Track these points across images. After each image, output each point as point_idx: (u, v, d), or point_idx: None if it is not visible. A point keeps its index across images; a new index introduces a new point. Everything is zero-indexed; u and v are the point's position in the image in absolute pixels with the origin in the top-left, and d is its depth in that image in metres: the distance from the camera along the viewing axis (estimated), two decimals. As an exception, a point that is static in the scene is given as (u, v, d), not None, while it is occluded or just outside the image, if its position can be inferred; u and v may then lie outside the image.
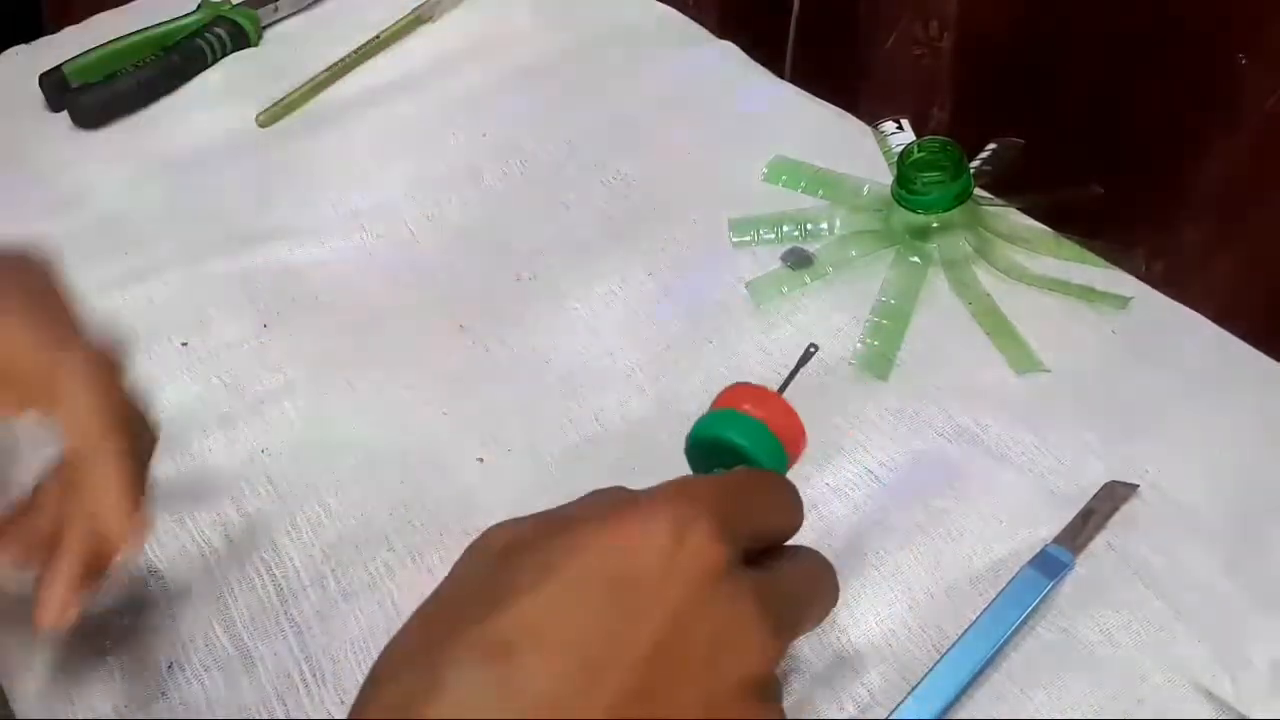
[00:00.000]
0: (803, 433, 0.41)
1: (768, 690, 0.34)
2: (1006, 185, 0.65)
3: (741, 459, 0.40)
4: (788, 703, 0.46)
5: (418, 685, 0.30)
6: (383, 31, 0.80)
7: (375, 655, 0.33)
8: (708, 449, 0.40)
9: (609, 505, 0.34)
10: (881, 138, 0.69)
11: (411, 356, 0.59)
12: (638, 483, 0.36)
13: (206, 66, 0.79)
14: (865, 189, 0.66)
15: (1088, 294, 0.60)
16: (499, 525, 0.35)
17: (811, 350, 0.43)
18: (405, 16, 0.81)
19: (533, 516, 0.35)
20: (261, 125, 0.74)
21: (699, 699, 0.32)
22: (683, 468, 0.40)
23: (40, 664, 0.47)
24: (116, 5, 0.85)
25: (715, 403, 0.41)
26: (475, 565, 0.34)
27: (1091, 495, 0.51)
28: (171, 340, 0.60)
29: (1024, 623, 0.46)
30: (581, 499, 0.36)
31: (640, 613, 0.31)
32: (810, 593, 0.37)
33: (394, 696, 0.31)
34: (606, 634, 0.31)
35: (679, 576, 0.32)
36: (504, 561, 0.33)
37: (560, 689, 0.30)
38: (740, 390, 0.41)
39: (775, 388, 0.41)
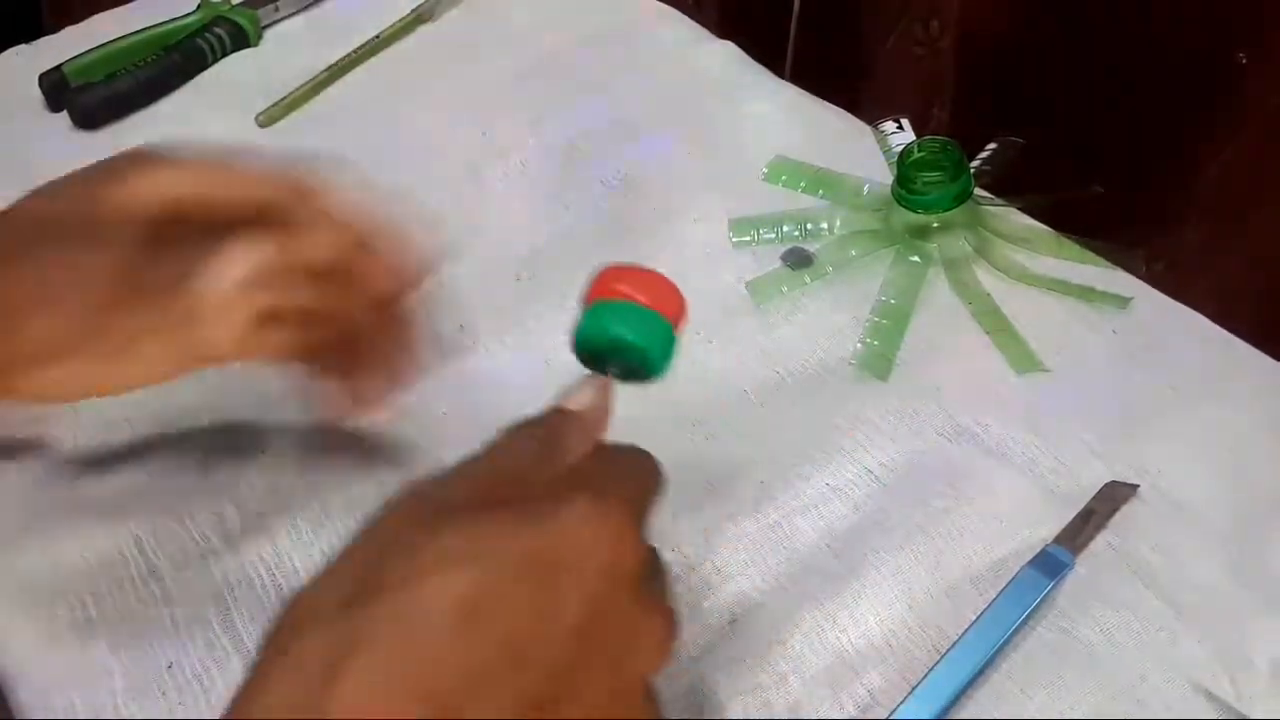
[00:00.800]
0: (683, 304, 0.41)
1: (654, 691, 0.34)
2: (1006, 185, 0.65)
3: (635, 353, 0.40)
4: (787, 702, 0.46)
5: (333, 649, 0.30)
6: (383, 31, 0.80)
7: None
8: (602, 346, 0.41)
9: (534, 478, 0.36)
10: (881, 138, 0.69)
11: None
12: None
13: (206, 66, 0.79)
14: (865, 189, 0.66)
15: (1088, 294, 0.60)
16: (419, 483, 0.35)
17: None
18: (405, 16, 0.81)
19: (453, 476, 0.36)
20: (262, 125, 0.74)
21: (605, 691, 0.32)
22: (682, 467, 0.40)
23: (40, 664, 0.47)
24: (116, 5, 0.85)
25: (592, 292, 0.42)
26: (398, 525, 0.34)
27: (1091, 495, 0.51)
28: (171, 340, 0.60)
29: (1024, 623, 0.46)
30: (499, 451, 0.37)
31: (565, 598, 0.32)
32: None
33: (307, 655, 0.30)
34: (533, 614, 0.31)
35: (605, 571, 0.32)
36: (427, 528, 0.33)
37: (484, 661, 0.30)
38: (612, 274, 0.42)
39: (775, 385, 0.42)
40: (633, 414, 0.57)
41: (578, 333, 0.42)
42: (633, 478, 0.38)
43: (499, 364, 0.59)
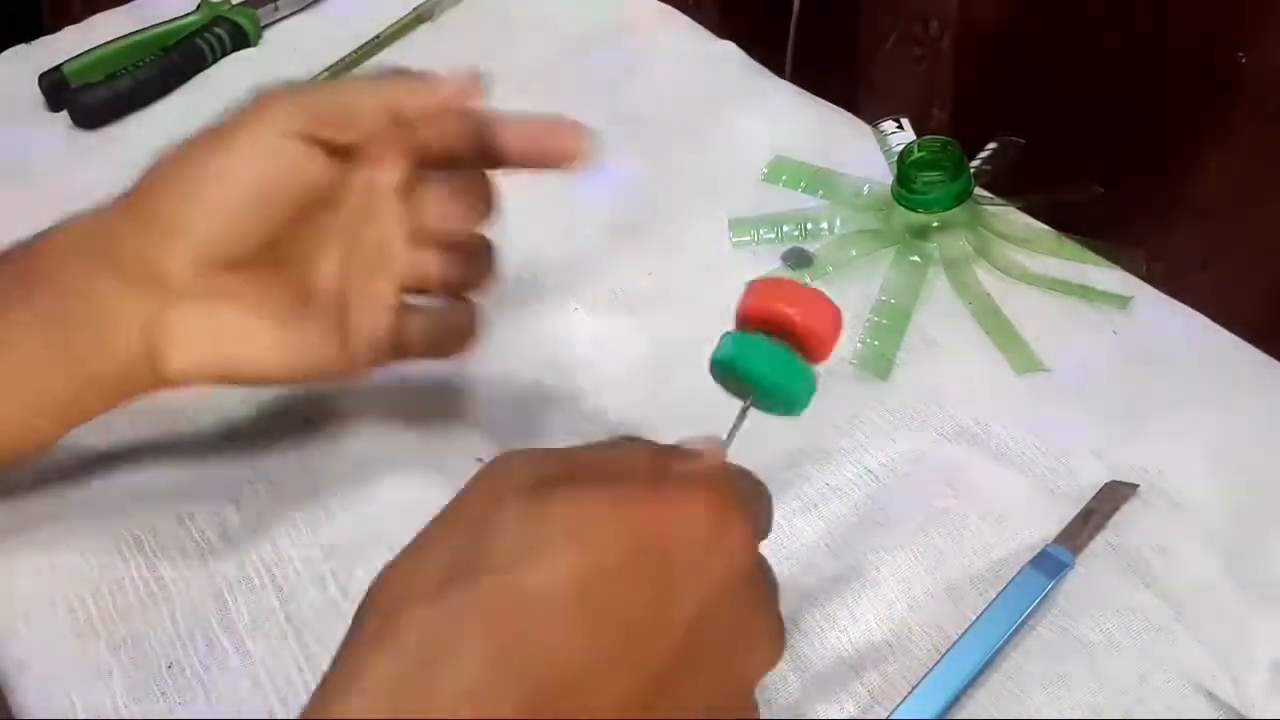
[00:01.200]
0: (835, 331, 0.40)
1: (755, 699, 0.34)
2: (1006, 185, 0.65)
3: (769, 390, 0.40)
4: (788, 702, 0.46)
5: (434, 632, 0.28)
6: (383, 31, 0.80)
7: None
8: (737, 373, 0.40)
9: (647, 473, 0.34)
10: (881, 137, 0.69)
11: (411, 356, 0.59)
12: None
13: (206, 66, 0.79)
14: (865, 189, 0.66)
15: (1088, 294, 0.60)
16: (517, 455, 0.33)
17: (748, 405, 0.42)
18: (405, 16, 0.81)
19: (555, 453, 0.33)
20: (261, 125, 0.74)
21: (712, 691, 0.31)
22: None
23: (40, 664, 0.47)
24: (116, 5, 0.85)
25: (749, 307, 0.40)
26: (496, 499, 0.31)
27: (1091, 495, 0.51)
28: (171, 340, 0.60)
29: (1024, 623, 0.46)
30: (604, 448, 0.35)
31: (679, 593, 0.30)
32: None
33: (405, 640, 0.29)
34: (650, 604, 0.30)
35: (716, 568, 0.31)
36: (533, 503, 0.30)
37: (599, 650, 0.29)
38: (770, 291, 0.40)
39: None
40: (633, 415, 0.57)
41: (729, 355, 0.41)
42: (752, 498, 0.37)
43: (499, 364, 0.59)
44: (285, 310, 0.45)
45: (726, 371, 0.41)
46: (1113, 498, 0.51)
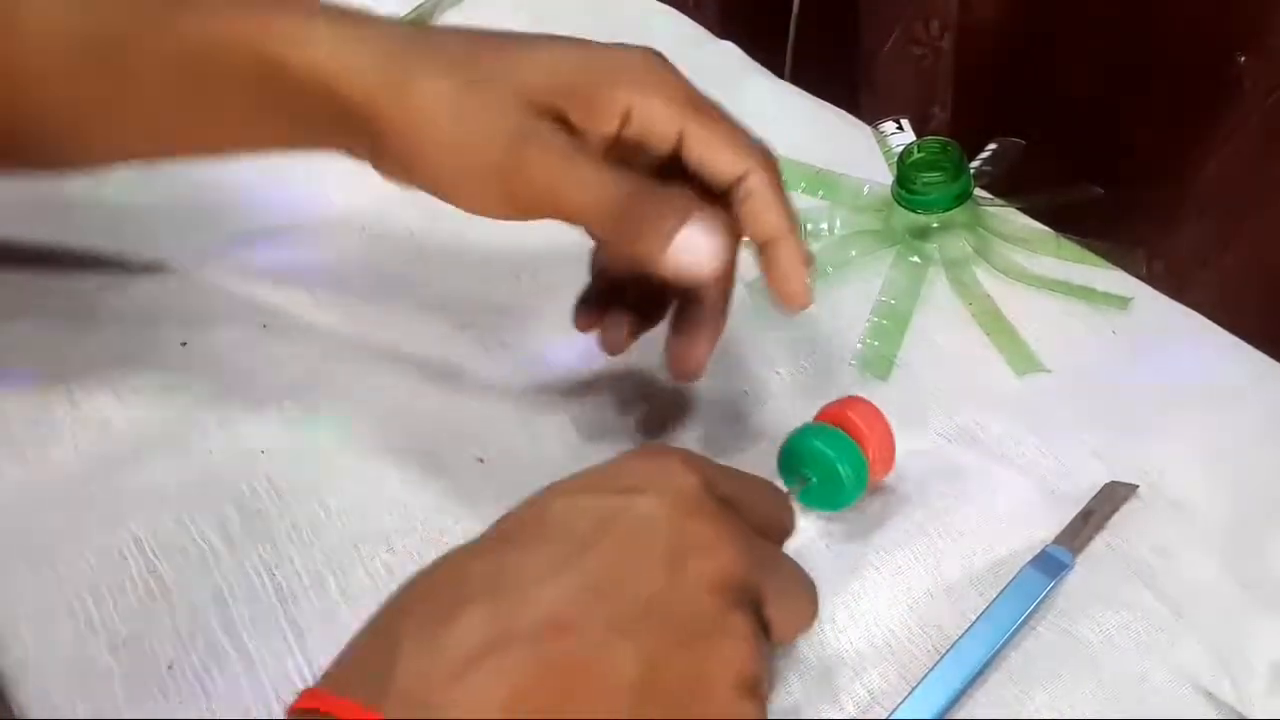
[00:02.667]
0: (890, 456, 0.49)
1: (758, 687, 0.34)
2: (1006, 185, 0.65)
3: (837, 491, 0.47)
4: (787, 703, 0.46)
5: (479, 638, 0.31)
6: (383, 31, 0.80)
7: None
8: (803, 457, 0.48)
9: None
10: (881, 138, 0.69)
11: (411, 356, 0.59)
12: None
13: (206, 66, 0.79)
14: (865, 189, 0.66)
15: (1088, 294, 0.60)
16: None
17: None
18: (405, 16, 0.81)
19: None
20: (261, 125, 0.74)
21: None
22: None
23: (40, 664, 0.47)
24: (116, 5, 0.85)
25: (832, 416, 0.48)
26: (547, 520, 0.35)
27: (1091, 495, 0.51)
28: (171, 340, 0.60)
29: (1024, 623, 0.46)
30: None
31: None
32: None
33: (447, 639, 0.31)
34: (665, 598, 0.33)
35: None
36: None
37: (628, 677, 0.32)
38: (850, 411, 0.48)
39: (775, 386, 0.43)
40: (633, 414, 0.57)
41: (806, 444, 0.48)
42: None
43: (499, 364, 0.59)
44: None
45: (806, 450, 0.48)
46: (1112, 498, 0.51)
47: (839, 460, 0.47)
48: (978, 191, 0.63)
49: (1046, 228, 0.63)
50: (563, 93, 0.44)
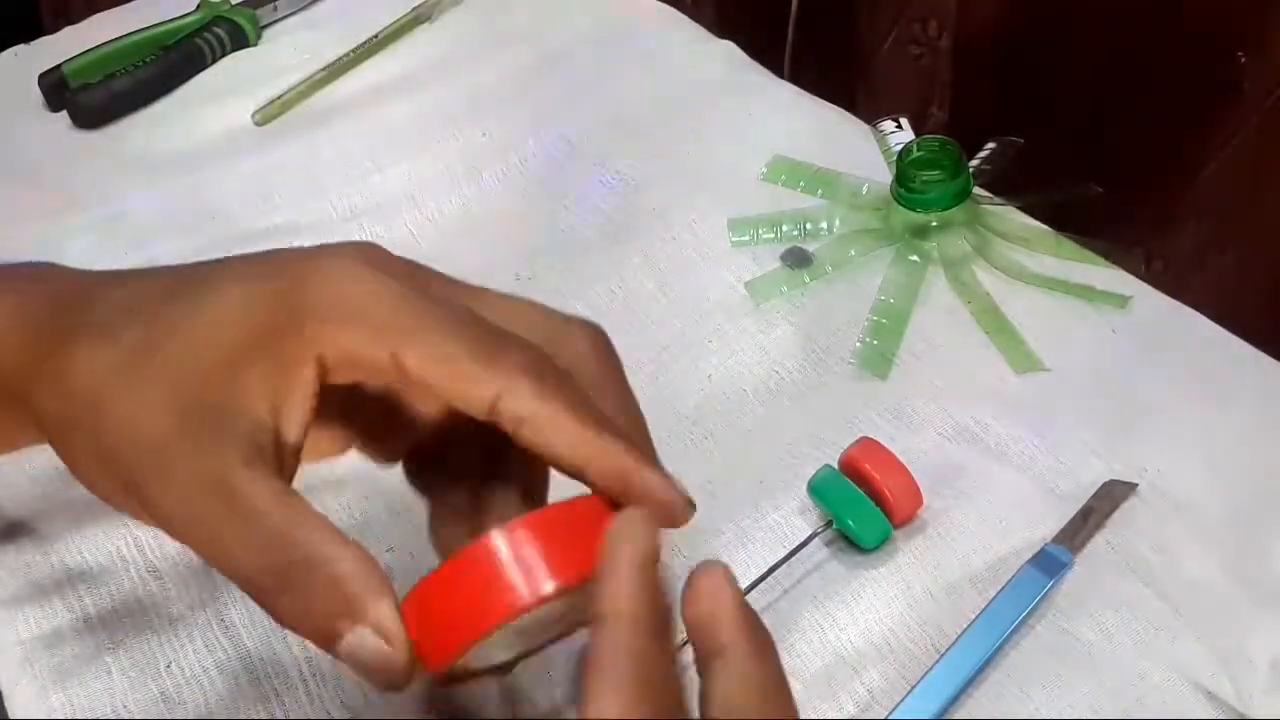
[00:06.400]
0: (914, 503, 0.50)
1: None
2: (1006, 184, 0.65)
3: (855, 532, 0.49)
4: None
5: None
6: (381, 31, 0.80)
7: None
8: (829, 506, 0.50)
9: None
10: (881, 137, 0.69)
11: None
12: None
13: (205, 66, 0.79)
14: (864, 188, 0.66)
15: (1088, 294, 0.60)
16: None
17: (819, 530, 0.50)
18: (404, 16, 0.81)
19: None
20: (259, 124, 0.74)
21: None
22: (677, 468, 0.40)
23: (38, 664, 0.47)
24: (116, 5, 0.85)
25: (859, 462, 0.50)
26: None
27: (1091, 494, 0.51)
28: (171, 340, 0.60)
29: (1024, 622, 0.46)
30: None
31: None
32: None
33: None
34: None
35: None
36: None
37: None
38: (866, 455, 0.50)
39: (774, 385, 0.42)
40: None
41: (839, 488, 0.50)
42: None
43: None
44: None
45: (830, 505, 0.50)
46: (1112, 497, 0.51)
47: (860, 537, 0.49)
48: (977, 190, 0.63)
49: (1046, 226, 0.63)
50: (233, 365, 0.33)
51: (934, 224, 0.62)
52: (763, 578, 0.48)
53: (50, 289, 0.37)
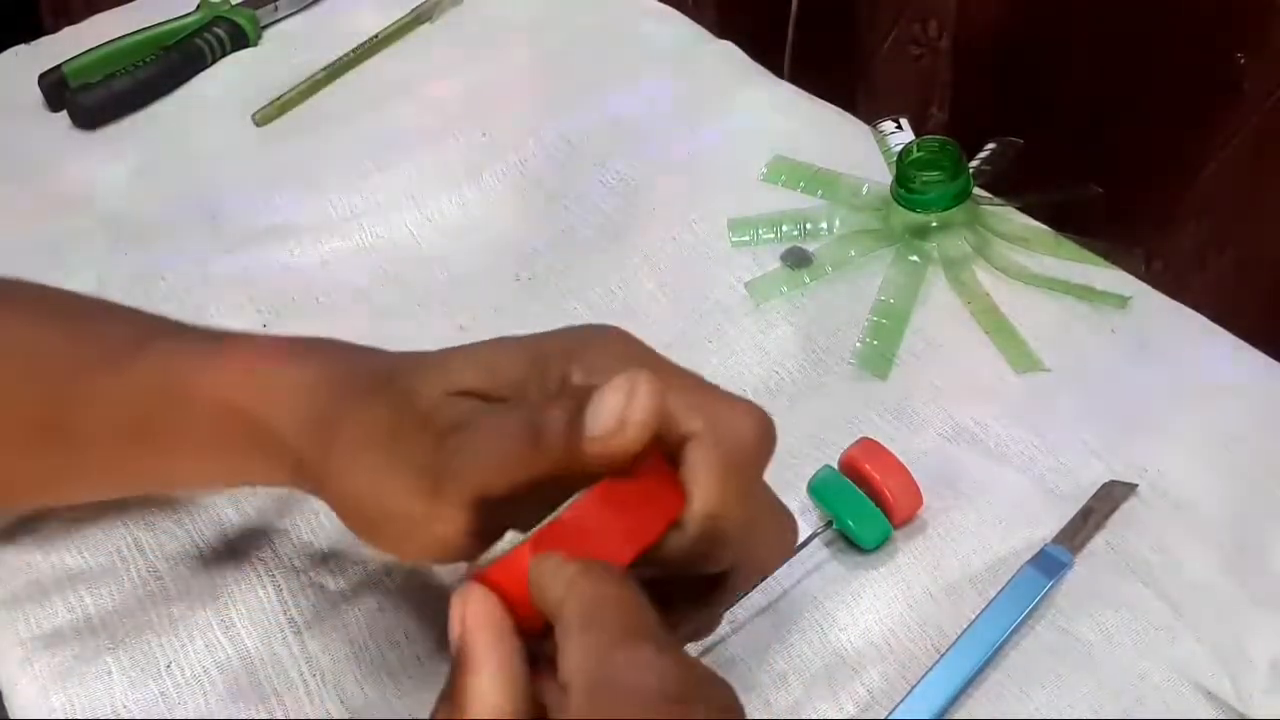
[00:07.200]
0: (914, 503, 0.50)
1: None
2: (1006, 185, 0.65)
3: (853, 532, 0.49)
4: (787, 702, 0.46)
5: None
6: (382, 31, 0.80)
7: (375, 655, 0.32)
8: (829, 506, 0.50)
9: None
10: (880, 137, 0.69)
11: (411, 356, 0.59)
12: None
13: (206, 66, 0.79)
14: (864, 188, 0.66)
15: (1088, 294, 0.60)
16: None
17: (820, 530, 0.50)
18: (405, 16, 0.81)
19: None
20: (259, 124, 0.74)
21: None
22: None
23: (38, 664, 0.47)
24: (116, 5, 0.85)
25: (860, 463, 0.50)
26: None
27: (1091, 495, 0.51)
28: (171, 340, 0.60)
29: (1023, 622, 0.46)
30: None
31: None
32: None
33: None
34: None
35: None
36: None
37: None
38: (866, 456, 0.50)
39: (774, 385, 0.42)
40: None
41: (837, 487, 0.50)
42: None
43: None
44: None
45: (829, 505, 0.50)
46: (1111, 497, 0.51)
47: (860, 537, 0.49)
48: (977, 190, 0.63)
49: (1046, 227, 0.63)
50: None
51: (934, 224, 0.62)
52: (762, 578, 0.48)
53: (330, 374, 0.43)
